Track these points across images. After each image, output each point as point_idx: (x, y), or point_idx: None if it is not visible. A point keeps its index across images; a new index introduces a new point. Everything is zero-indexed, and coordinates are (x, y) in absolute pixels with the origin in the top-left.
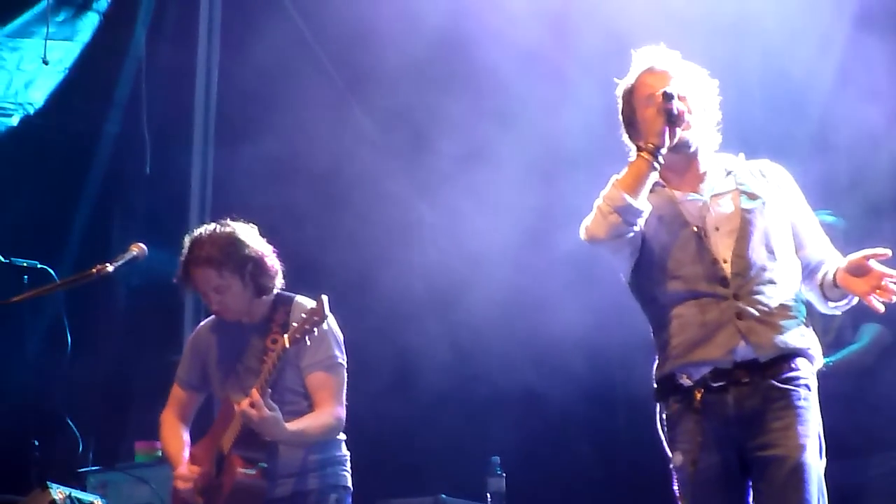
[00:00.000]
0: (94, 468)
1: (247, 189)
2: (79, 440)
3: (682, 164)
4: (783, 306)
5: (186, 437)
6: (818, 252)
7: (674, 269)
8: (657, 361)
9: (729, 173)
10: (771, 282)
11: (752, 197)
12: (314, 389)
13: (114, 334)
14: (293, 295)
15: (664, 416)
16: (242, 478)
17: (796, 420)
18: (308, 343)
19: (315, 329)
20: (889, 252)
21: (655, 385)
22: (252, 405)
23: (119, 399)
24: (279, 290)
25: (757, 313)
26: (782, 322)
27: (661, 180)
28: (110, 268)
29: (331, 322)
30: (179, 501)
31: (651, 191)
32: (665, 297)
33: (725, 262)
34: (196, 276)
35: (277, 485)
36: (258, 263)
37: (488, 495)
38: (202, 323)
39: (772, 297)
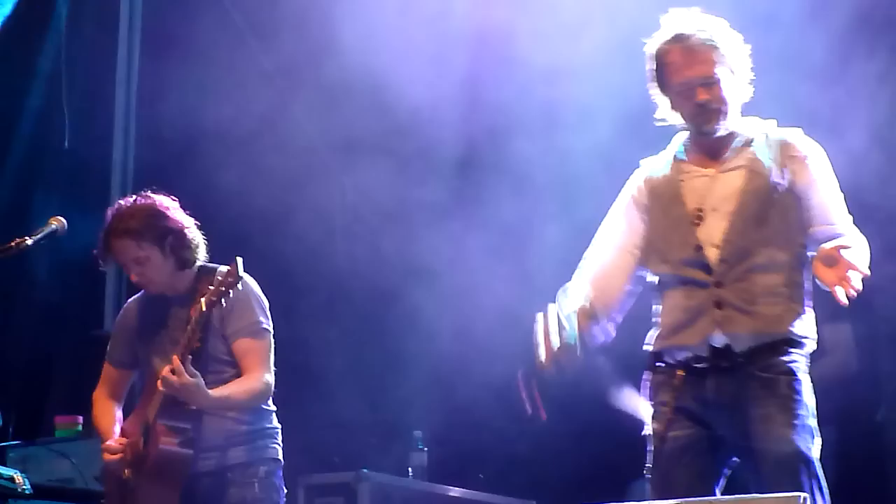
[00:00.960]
0: (14, 442)
1: (169, 162)
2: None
3: (708, 142)
4: (770, 292)
5: (118, 413)
6: (827, 230)
7: (666, 253)
8: (652, 335)
9: (749, 144)
10: (760, 267)
11: (760, 175)
12: (241, 356)
13: (34, 308)
14: (217, 265)
15: (649, 384)
16: (166, 446)
17: (778, 409)
18: (225, 305)
19: (230, 291)
20: None
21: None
22: (172, 371)
23: (39, 373)
24: (203, 262)
25: (738, 302)
26: (766, 310)
27: (682, 152)
28: (29, 241)
29: (254, 287)
30: (109, 474)
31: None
32: (660, 278)
33: (715, 246)
34: (116, 247)
35: (204, 456)
36: (179, 235)
37: (410, 469)
38: (130, 299)
39: (758, 283)
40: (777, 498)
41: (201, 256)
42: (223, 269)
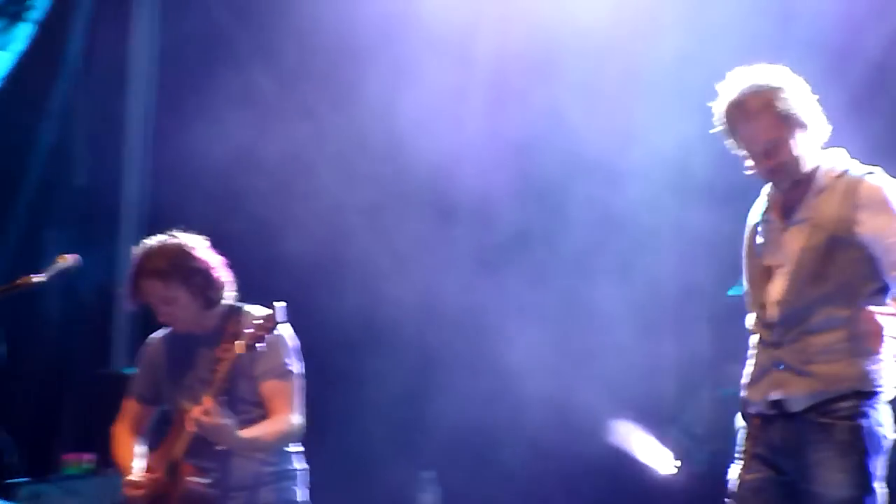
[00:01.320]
0: (24, 480)
1: (181, 201)
2: (14, 450)
3: (784, 192)
4: (829, 351)
5: (139, 448)
6: None
7: (750, 305)
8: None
9: (821, 192)
10: (817, 327)
11: (822, 229)
12: (268, 398)
13: (45, 345)
14: (244, 304)
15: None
16: (192, 486)
17: (835, 454)
18: (260, 350)
19: (267, 335)
20: None
21: None
22: (205, 412)
23: (50, 411)
24: (230, 301)
25: (795, 363)
26: (823, 369)
27: (768, 198)
28: (41, 278)
29: (285, 330)
30: None
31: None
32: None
33: (777, 304)
34: (144, 288)
35: (230, 497)
36: (206, 275)
37: None
38: (154, 335)
39: (815, 343)
40: None
41: (229, 295)
42: (252, 309)
